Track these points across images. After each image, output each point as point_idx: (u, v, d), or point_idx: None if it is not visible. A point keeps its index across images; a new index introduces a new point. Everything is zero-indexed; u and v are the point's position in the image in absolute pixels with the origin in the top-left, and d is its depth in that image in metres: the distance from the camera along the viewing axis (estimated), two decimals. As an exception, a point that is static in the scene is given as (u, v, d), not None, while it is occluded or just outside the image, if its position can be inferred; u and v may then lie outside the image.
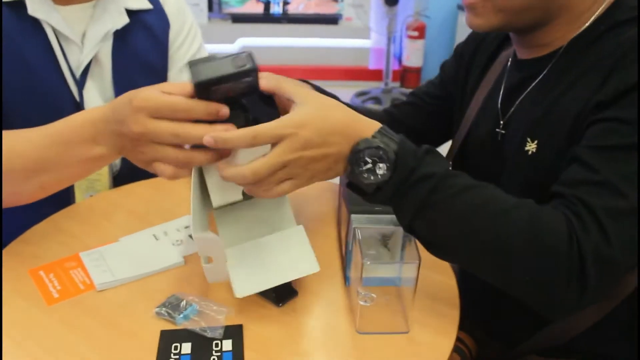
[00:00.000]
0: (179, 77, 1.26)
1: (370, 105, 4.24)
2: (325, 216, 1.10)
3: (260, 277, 0.85)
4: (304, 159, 0.74)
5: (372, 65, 4.66)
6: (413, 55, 4.61)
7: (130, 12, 1.16)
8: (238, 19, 4.43)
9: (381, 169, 0.75)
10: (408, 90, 4.51)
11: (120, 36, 1.15)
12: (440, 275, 0.95)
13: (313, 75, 4.56)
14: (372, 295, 0.82)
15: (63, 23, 1.09)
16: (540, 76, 0.94)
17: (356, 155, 0.75)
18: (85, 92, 1.14)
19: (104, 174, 1.17)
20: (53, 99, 1.11)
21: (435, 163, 0.77)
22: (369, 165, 0.75)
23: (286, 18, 4.55)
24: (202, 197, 0.85)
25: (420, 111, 1.22)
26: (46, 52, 1.09)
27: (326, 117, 0.76)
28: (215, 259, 0.82)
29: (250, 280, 0.84)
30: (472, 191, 0.77)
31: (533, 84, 0.95)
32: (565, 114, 0.86)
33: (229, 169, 0.74)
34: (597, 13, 0.89)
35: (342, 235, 0.98)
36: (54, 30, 1.09)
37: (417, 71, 4.69)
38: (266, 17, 4.52)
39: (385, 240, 0.88)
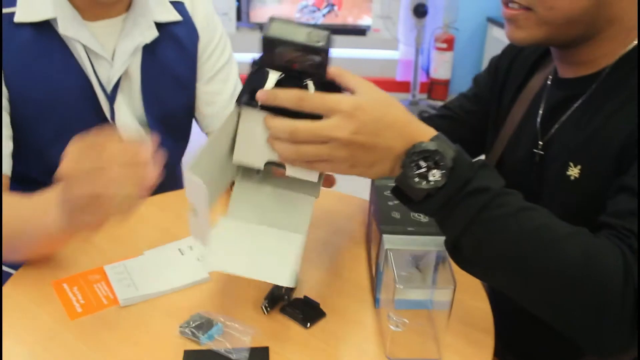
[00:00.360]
0: (207, 88, 1.24)
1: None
2: (355, 234, 1.08)
3: (235, 260, 0.80)
4: (352, 143, 0.71)
5: (399, 77, 4.64)
6: (441, 67, 4.58)
7: (159, 25, 1.14)
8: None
9: (435, 175, 0.71)
10: (436, 103, 4.49)
11: (149, 49, 1.14)
12: (474, 299, 0.91)
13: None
14: (404, 320, 0.79)
15: (93, 39, 1.07)
16: (584, 96, 0.89)
17: (411, 157, 0.72)
18: (116, 107, 1.12)
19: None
20: (84, 116, 1.10)
21: (492, 178, 0.74)
22: (423, 170, 0.72)
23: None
24: (222, 150, 0.80)
25: (453, 124, 1.18)
26: (76, 70, 1.07)
27: (386, 111, 0.73)
28: (198, 211, 0.74)
29: (224, 258, 0.79)
30: (526, 213, 0.73)
31: (576, 105, 0.91)
32: (612, 139, 0.82)
33: (274, 119, 0.72)
34: None
35: (372, 255, 0.95)
36: (84, 47, 1.07)
37: (445, 83, 4.66)
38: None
39: (417, 262, 0.85)
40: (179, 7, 1.18)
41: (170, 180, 1.24)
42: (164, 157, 1.03)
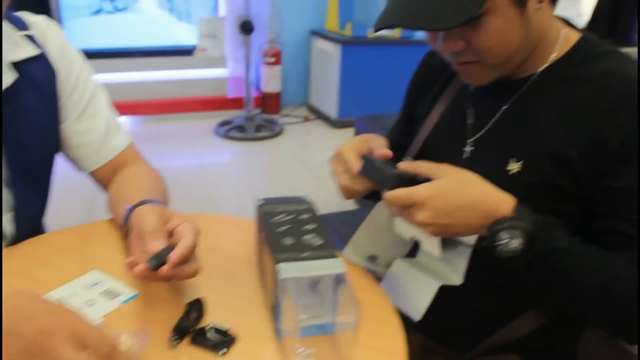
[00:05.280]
0: (76, 127, 1.13)
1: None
2: (245, 256, 1.04)
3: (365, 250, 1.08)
4: (431, 224, 0.84)
5: (231, 93, 4.62)
6: (271, 81, 4.64)
7: (14, 65, 1.01)
8: (90, 55, 4.20)
9: (516, 244, 0.83)
10: (270, 116, 4.53)
11: (7, 96, 1.00)
12: (381, 312, 0.92)
13: (172, 109, 4.43)
14: (311, 350, 0.78)
15: None
16: (511, 100, 0.98)
17: (493, 233, 0.83)
18: None
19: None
20: None
21: (564, 237, 0.85)
22: (505, 241, 0.83)
23: (140, 51, 4.40)
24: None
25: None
26: None
27: (458, 192, 0.84)
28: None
29: (353, 247, 1.08)
30: (594, 265, 0.85)
31: (505, 107, 0.98)
32: (551, 139, 0.91)
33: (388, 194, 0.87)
34: (565, 49, 0.95)
35: (267, 282, 0.92)
36: None
37: (277, 96, 4.73)
38: (119, 52, 4.34)
39: (313, 286, 0.84)
40: (29, 40, 1.04)
41: (35, 233, 1.13)
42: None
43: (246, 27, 4.04)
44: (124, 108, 4.13)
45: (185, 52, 4.51)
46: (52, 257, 1.02)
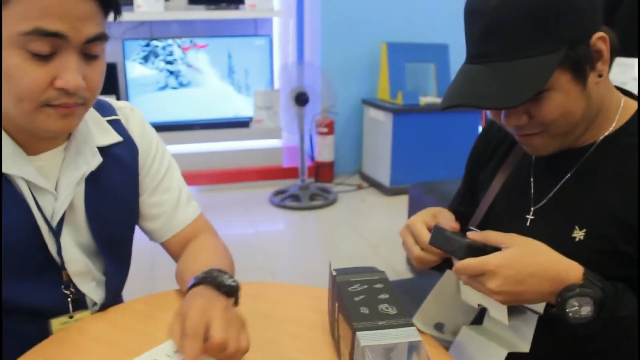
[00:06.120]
0: (150, 200, 1.19)
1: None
2: (319, 324, 1.06)
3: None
4: (502, 292, 0.87)
5: (286, 163, 4.73)
6: (324, 150, 4.73)
7: (101, 149, 1.08)
8: (155, 128, 4.38)
9: (586, 311, 0.85)
10: (324, 185, 4.60)
11: (92, 176, 1.07)
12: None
13: (229, 178, 4.56)
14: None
15: (37, 174, 1.00)
16: (574, 170, 1.00)
17: (563, 300, 0.85)
18: (62, 241, 1.04)
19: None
20: (28, 255, 1.01)
21: (631, 303, 0.87)
22: (575, 308, 0.85)
23: (199, 124, 4.58)
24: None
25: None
26: (19, 206, 0.99)
27: (528, 261, 0.87)
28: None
29: (421, 316, 1.11)
30: None
31: (567, 176, 1.01)
32: (613, 206, 0.94)
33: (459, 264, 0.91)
34: (624, 118, 0.98)
35: (341, 351, 0.94)
36: (27, 182, 0.99)
37: (330, 165, 4.80)
38: (179, 125, 4.52)
39: (388, 354, 0.86)
40: (116, 125, 1.13)
41: (117, 301, 1.20)
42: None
43: (300, 99, 4.17)
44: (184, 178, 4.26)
45: (242, 123, 4.67)
46: (133, 324, 1.07)
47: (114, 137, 1.12)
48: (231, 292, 0.99)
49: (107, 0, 0.91)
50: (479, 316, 1.09)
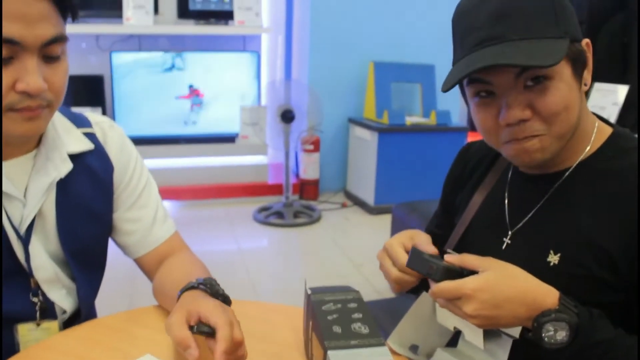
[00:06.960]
0: (127, 215, 1.19)
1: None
2: (294, 343, 1.06)
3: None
4: (478, 316, 0.87)
5: (271, 180, 4.73)
6: (309, 168, 4.74)
7: (72, 156, 1.08)
8: (137, 141, 4.37)
9: (562, 336, 0.85)
10: (308, 202, 4.60)
11: (63, 183, 1.07)
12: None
13: (213, 194, 4.54)
14: None
15: (5, 180, 0.99)
16: (550, 193, 1.00)
17: (539, 325, 0.85)
18: (30, 249, 1.03)
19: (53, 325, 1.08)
20: None
21: (606, 329, 0.87)
22: (551, 333, 0.85)
23: (185, 138, 4.57)
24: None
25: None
26: None
27: (505, 285, 0.87)
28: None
29: (396, 337, 1.08)
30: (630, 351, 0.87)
31: (544, 200, 1.01)
32: (588, 231, 0.93)
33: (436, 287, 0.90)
34: (598, 143, 0.98)
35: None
36: None
37: (315, 183, 4.80)
38: (165, 139, 4.51)
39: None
40: (90, 137, 1.13)
41: (89, 314, 1.18)
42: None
43: (286, 116, 4.18)
44: (166, 193, 4.25)
45: (228, 139, 4.67)
46: (105, 340, 1.06)
47: (86, 145, 1.12)
48: (225, 302, 1.01)
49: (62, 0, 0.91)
50: (454, 338, 1.09)
